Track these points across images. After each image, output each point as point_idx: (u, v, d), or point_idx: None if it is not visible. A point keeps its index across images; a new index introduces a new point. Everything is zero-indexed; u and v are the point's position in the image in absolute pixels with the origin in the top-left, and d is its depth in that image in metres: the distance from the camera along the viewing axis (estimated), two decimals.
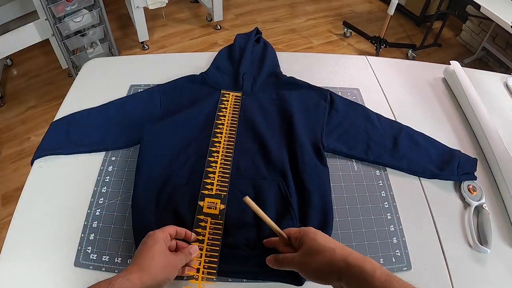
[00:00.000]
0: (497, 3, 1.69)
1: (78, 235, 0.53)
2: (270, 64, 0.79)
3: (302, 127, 0.66)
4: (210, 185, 0.58)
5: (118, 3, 2.37)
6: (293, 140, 0.64)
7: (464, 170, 0.64)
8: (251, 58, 0.79)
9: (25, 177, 0.60)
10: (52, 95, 1.84)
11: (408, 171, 0.65)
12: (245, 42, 0.82)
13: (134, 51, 2.14)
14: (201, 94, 0.73)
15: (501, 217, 0.60)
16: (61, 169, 0.61)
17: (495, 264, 0.54)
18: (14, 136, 1.65)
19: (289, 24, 2.48)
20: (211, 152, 0.63)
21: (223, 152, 0.63)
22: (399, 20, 2.59)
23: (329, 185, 0.61)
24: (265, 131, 0.66)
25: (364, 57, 0.91)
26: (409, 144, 0.67)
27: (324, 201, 0.57)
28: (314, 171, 0.60)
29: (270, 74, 0.78)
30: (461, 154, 0.67)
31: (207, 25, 2.37)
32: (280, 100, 0.72)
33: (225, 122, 0.67)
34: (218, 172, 0.60)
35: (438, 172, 0.64)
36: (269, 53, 0.81)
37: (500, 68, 2.14)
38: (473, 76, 0.83)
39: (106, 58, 0.99)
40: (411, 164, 0.65)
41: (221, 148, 0.63)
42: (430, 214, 0.60)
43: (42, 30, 1.63)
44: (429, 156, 0.66)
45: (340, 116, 0.70)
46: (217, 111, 0.69)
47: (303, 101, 0.72)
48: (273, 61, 0.81)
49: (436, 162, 0.65)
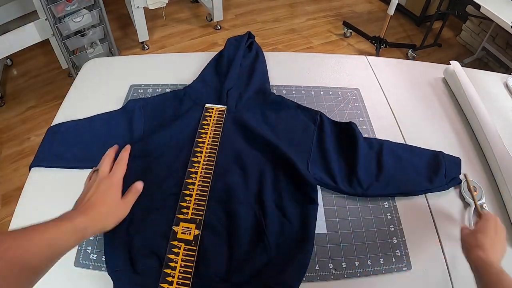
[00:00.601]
0: (497, 3, 1.69)
1: None
2: (258, 80, 0.75)
3: (287, 152, 0.60)
4: (186, 209, 0.54)
5: (118, 3, 2.37)
6: (276, 166, 0.60)
7: (450, 175, 0.63)
8: (239, 71, 0.75)
9: (25, 177, 0.60)
10: (52, 95, 1.84)
11: (400, 195, 0.61)
12: (235, 51, 0.78)
13: (134, 51, 2.14)
14: (183, 110, 0.68)
15: (501, 217, 0.60)
16: (61, 169, 0.61)
17: None
18: (14, 136, 1.65)
19: (289, 24, 2.48)
20: (189, 173, 0.58)
21: (202, 173, 0.59)
22: (399, 20, 2.59)
23: (314, 219, 0.55)
24: (246, 153, 0.62)
25: (364, 57, 0.91)
26: (393, 161, 0.63)
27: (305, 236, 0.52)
28: (296, 201, 0.56)
29: (257, 90, 0.73)
30: (445, 156, 0.66)
31: (207, 25, 2.37)
32: (265, 120, 0.67)
33: (206, 140, 0.63)
34: (195, 195, 0.56)
35: (429, 186, 0.61)
36: (259, 66, 0.77)
37: (500, 68, 2.14)
38: (473, 76, 0.83)
39: (106, 58, 0.99)
40: (401, 186, 0.61)
41: (200, 169, 0.59)
42: (430, 214, 0.60)
43: (42, 30, 1.63)
44: (416, 170, 0.63)
45: (328, 141, 0.65)
46: (199, 127, 0.65)
47: (290, 123, 0.67)
48: (263, 75, 0.76)
49: (424, 174, 0.63)
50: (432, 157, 0.65)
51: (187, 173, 0.59)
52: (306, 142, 0.64)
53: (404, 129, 0.73)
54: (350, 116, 0.74)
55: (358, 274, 0.52)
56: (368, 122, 0.74)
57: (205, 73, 0.76)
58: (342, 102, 0.77)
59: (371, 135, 0.71)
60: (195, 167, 0.60)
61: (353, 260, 0.53)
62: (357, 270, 0.52)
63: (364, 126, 0.73)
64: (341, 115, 0.74)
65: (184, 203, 0.55)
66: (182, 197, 0.56)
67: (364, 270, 0.52)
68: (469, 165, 0.68)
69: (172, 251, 0.50)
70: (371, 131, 0.72)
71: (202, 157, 0.61)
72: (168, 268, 0.48)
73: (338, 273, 0.52)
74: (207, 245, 0.51)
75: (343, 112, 0.75)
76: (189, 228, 0.52)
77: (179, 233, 0.52)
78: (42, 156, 0.62)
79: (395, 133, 0.73)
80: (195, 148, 0.62)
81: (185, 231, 0.52)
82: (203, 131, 0.65)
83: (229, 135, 0.65)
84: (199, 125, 0.66)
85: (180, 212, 0.54)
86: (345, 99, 0.78)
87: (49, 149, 0.63)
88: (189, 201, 0.55)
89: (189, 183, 0.57)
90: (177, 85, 0.77)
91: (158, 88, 0.76)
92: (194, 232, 0.52)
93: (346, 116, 0.74)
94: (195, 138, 0.64)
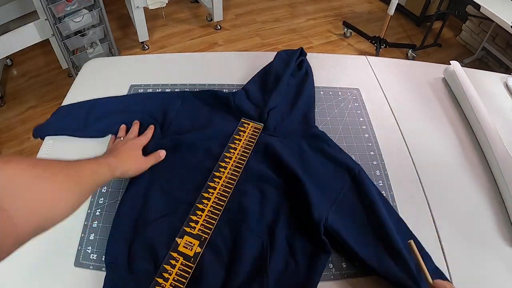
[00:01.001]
0: (497, 3, 1.69)
1: (78, 235, 0.53)
2: (304, 105, 0.70)
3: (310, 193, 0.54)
4: (195, 223, 0.53)
5: (118, 3, 2.37)
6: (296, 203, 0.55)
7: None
8: (285, 91, 0.71)
9: None
10: (52, 95, 1.84)
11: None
12: (284, 68, 0.74)
13: (134, 51, 2.14)
14: (219, 117, 0.67)
15: (501, 217, 0.60)
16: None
17: (495, 264, 0.54)
18: (14, 136, 1.65)
19: (289, 24, 2.48)
20: (208, 187, 0.56)
21: (220, 190, 0.56)
22: (399, 20, 2.59)
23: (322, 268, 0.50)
24: (270, 181, 0.58)
25: (364, 57, 0.91)
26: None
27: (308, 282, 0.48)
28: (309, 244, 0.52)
29: (301, 118, 0.68)
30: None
31: (207, 25, 2.37)
32: (300, 153, 0.62)
33: (233, 156, 0.61)
34: (207, 211, 0.54)
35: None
36: (307, 89, 0.73)
37: (500, 68, 2.14)
38: (473, 76, 0.83)
39: (106, 58, 0.99)
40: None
41: (220, 185, 0.57)
42: (430, 214, 0.60)
43: (42, 30, 1.63)
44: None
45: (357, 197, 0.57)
46: (230, 141, 0.63)
47: (324, 167, 0.61)
48: (309, 100, 0.72)
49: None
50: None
51: (206, 186, 0.57)
52: (332, 191, 0.57)
53: (404, 129, 0.73)
54: (350, 116, 0.74)
55: (358, 274, 0.52)
56: (368, 122, 0.74)
57: (250, 85, 0.74)
58: (342, 102, 0.77)
59: (371, 135, 0.71)
60: (216, 182, 0.57)
61: (354, 260, 0.53)
62: (357, 270, 0.52)
63: (364, 126, 0.73)
64: (341, 115, 0.74)
65: (194, 217, 0.53)
66: (194, 210, 0.54)
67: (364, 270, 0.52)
68: (469, 165, 0.68)
69: (169, 261, 0.49)
70: (371, 131, 0.72)
71: (225, 173, 0.59)
72: (160, 278, 0.47)
73: (338, 273, 0.52)
74: (205, 265, 0.49)
75: (343, 112, 0.75)
76: (192, 244, 0.51)
77: (181, 246, 0.51)
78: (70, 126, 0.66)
79: (395, 133, 0.73)
80: (220, 162, 0.60)
81: (188, 245, 0.51)
82: (233, 145, 0.62)
83: (258, 157, 0.61)
84: (230, 138, 0.63)
85: (188, 225, 0.53)
86: (345, 99, 0.78)
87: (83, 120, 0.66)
88: (200, 215, 0.54)
89: (204, 197, 0.56)
90: (177, 85, 0.77)
91: (158, 88, 0.76)
92: (196, 249, 0.50)
93: (346, 116, 0.74)
94: (222, 152, 0.61)
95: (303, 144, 0.64)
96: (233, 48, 2.19)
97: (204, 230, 0.52)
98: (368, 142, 0.70)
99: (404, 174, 0.65)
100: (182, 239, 0.51)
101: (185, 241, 0.51)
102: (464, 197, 0.63)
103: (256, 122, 0.66)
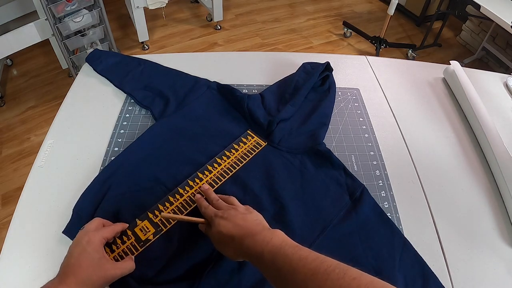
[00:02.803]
0: (497, 3, 1.69)
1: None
2: (317, 122, 0.67)
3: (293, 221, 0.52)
4: (159, 213, 0.53)
5: (118, 3, 2.38)
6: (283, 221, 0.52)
7: None
8: (301, 104, 0.69)
9: (25, 177, 0.60)
10: (52, 95, 1.84)
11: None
12: (305, 79, 0.71)
13: (134, 51, 2.14)
14: (229, 117, 0.67)
15: (501, 217, 0.60)
16: (61, 169, 0.61)
17: (495, 264, 0.54)
18: (14, 136, 1.65)
19: (289, 24, 2.48)
20: (186, 184, 0.56)
21: (196, 191, 0.56)
22: (399, 20, 2.59)
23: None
24: (253, 196, 0.56)
25: (364, 57, 0.91)
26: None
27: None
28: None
29: (310, 134, 0.65)
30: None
31: (207, 25, 2.37)
32: (300, 171, 0.60)
33: (222, 164, 0.60)
34: (175, 207, 0.54)
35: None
36: (325, 106, 0.70)
37: (500, 68, 2.14)
38: (473, 76, 0.83)
39: None
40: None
41: (196, 187, 0.56)
42: (430, 214, 0.60)
43: (42, 30, 1.63)
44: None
45: (355, 223, 0.54)
46: (227, 148, 0.62)
47: (324, 187, 0.58)
48: (324, 118, 0.69)
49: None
50: None
51: (184, 183, 0.57)
52: (329, 213, 0.55)
53: (404, 129, 0.73)
54: (350, 116, 0.74)
55: None
56: (368, 122, 0.74)
57: (267, 92, 0.72)
58: (342, 102, 0.77)
59: (371, 135, 0.71)
60: (196, 182, 0.57)
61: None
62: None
63: (364, 126, 0.73)
64: (341, 115, 0.74)
65: (161, 206, 0.54)
66: (164, 201, 0.54)
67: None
68: (469, 165, 0.68)
69: (122, 237, 0.50)
70: (371, 131, 0.72)
71: (208, 176, 0.58)
72: (108, 247, 0.49)
73: None
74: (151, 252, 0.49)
75: (343, 112, 0.75)
76: (148, 230, 0.51)
77: (138, 228, 0.51)
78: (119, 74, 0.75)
79: (395, 133, 0.73)
80: (208, 165, 0.60)
81: (143, 230, 0.51)
82: (228, 153, 0.61)
83: (253, 169, 0.59)
84: (230, 144, 0.63)
85: (152, 211, 0.53)
86: (345, 99, 0.78)
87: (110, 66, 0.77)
88: (166, 208, 0.54)
89: (178, 192, 0.56)
90: None
91: None
92: (149, 236, 0.50)
93: (346, 116, 0.74)
94: (218, 152, 0.62)
95: (306, 161, 0.61)
96: (233, 48, 2.19)
97: (165, 223, 0.52)
98: (368, 142, 0.70)
99: (404, 174, 0.65)
100: (142, 222, 0.52)
101: (143, 225, 0.52)
102: (464, 197, 0.63)
103: (260, 137, 0.65)
